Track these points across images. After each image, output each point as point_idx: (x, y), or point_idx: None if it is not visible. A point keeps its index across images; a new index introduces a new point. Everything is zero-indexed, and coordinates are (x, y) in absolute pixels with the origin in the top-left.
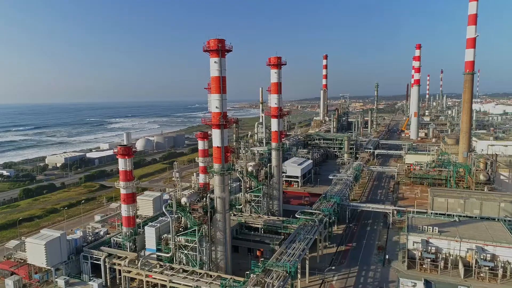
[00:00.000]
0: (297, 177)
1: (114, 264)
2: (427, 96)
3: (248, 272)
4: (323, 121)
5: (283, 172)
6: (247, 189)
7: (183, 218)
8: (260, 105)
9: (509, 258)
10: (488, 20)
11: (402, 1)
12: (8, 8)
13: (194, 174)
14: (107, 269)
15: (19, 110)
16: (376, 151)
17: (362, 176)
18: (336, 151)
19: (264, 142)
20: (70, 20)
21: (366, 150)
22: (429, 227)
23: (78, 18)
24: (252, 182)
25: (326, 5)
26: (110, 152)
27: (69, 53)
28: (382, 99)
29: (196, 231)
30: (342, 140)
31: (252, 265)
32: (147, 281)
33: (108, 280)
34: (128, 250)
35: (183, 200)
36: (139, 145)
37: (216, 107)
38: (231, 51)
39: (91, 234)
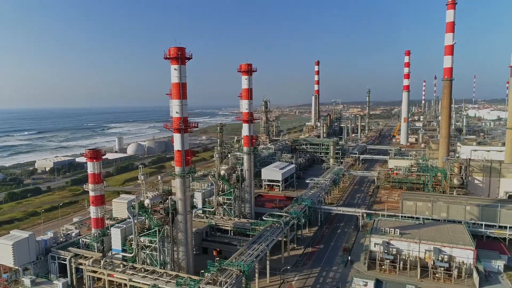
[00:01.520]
0: (278, 181)
1: (80, 264)
2: (423, 101)
3: (203, 271)
4: (315, 127)
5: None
6: (220, 192)
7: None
8: None
9: (464, 259)
10: (491, 24)
11: (403, 3)
12: (8, 9)
13: (159, 176)
14: (73, 269)
15: (20, 115)
16: (362, 156)
17: (344, 180)
18: (322, 156)
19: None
20: (70, 23)
21: (351, 155)
22: (391, 229)
23: (77, 21)
24: (225, 185)
25: (329, 8)
26: None
27: (70, 57)
28: (381, 104)
29: (157, 232)
30: (328, 145)
31: (208, 264)
32: (112, 281)
33: (74, 280)
34: (96, 250)
35: (146, 201)
36: (130, 150)
37: (177, 112)
38: (191, 58)
39: (62, 235)
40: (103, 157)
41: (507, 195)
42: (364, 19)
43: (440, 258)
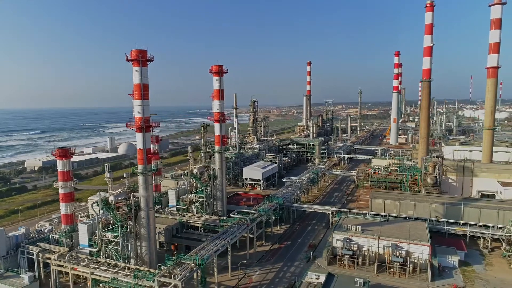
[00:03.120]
0: (259, 180)
1: (48, 258)
2: (419, 102)
3: (160, 265)
4: (306, 127)
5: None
6: (193, 190)
7: None
8: (234, 110)
9: (419, 255)
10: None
11: (404, 2)
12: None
13: (124, 174)
14: (41, 264)
15: (21, 115)
16: (347, 156)
17: (324, 179)
18: (309, 156)
19: (237, 146)
20: (70, 24)
21: (336, 154)
22: (353, 226)
23: (78, 22)
24: (198, 183)
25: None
26: (90, 156)
27: (71, 57)
28: (379, 105)
29: (119, 227)
30: (314, 145)
31: (166, 258)
32: (78, 275)
33: (42, 274)
34: (65, 246)
35: (111, 198)
36: (121, 149)
37: (138, 112)
38: (152, 61)
39: (34, 231)
40: (95, 156)
41: (480, 193)
42: (365, 19)
43: (397, 254)
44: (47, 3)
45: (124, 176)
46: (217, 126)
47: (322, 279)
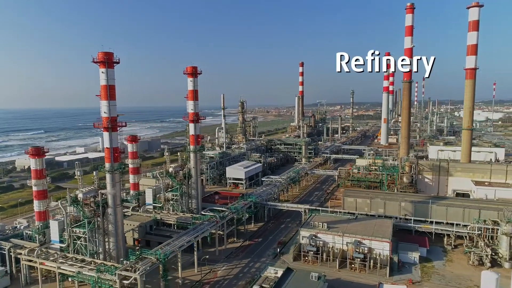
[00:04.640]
0: (241, 179)
1: (20, 254)
2: (415, 102)
3: (122, 259)
4: (298, 127)
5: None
6: (168, 189)
7: None
8: (222, 110)
9: (381, 251)
10: (490, 26)
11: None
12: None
13: (94, 172)
14: (13, 259)
15: (21, 115)
16: (333, 156)
17: (307, 179)
18: (296, 156)
19: (224, 146)
20: (70, 24)
21: (323, 154)
22: (320, 223)
23: (78, 22)
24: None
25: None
26: (81, 156)
27: (72, 57)
28: (378, 105)
29: (86, 223)
30: (301, 145)
31: (129, 253)
32: (49, 270)
33: (14, 269)
34: (37, 242)
35: (79, 195)
36: None
37: (105, 112)
38: (118, 63)
39: (10, 228)
40: (86, 155)
41: (455, 192)
42: (365, 18)
43: (359, 250)
44: (47, 3)
45: (94, 175)
46: (191, 126)
47: (279, 273)
